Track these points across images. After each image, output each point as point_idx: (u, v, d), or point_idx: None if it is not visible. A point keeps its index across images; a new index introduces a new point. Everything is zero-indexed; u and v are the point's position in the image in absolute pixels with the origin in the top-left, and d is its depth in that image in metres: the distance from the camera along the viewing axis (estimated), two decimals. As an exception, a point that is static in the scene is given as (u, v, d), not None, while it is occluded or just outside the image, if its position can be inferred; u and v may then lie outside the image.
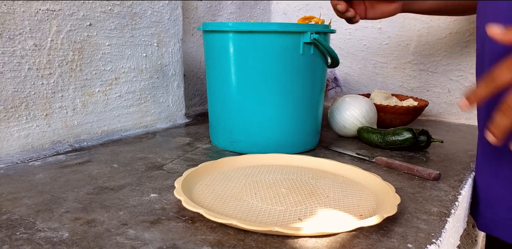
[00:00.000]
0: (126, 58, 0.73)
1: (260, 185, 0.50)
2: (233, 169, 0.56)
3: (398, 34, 1.01)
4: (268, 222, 0.40)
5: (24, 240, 0.36)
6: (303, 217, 0.42)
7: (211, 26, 0.62)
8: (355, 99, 0.76)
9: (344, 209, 0.44)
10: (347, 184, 0.52)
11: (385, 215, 0.40)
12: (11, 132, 0.58)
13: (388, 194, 0.46)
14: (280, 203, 0.45)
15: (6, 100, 0.57)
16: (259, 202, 0.45)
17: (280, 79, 0.61)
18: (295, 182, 0.52)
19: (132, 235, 0.38)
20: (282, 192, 0.48)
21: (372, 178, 0.51)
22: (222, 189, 0.49)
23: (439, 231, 0.40)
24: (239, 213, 0.42)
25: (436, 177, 0.55)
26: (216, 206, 0.44)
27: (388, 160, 0.60)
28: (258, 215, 0.42)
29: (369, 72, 1.09)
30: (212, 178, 0.52)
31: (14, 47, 0.56)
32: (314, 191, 0.49)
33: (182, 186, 0.45)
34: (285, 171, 0.56)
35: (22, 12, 0.57)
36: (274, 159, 0.59)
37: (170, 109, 0.85)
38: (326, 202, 0.46)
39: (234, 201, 0.45)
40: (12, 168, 0.55)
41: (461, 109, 0.54)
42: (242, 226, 0.38)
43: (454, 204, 0.47)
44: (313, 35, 0.58)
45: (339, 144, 0.73)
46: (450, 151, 0.70)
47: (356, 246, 0.37)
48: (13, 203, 0.44)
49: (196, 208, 0.40)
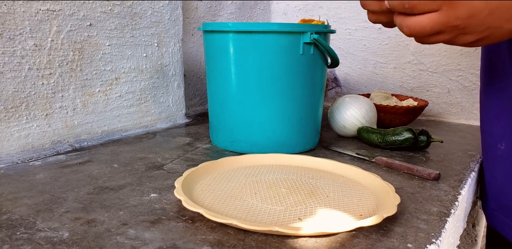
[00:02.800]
0: (126, 58, 0.73)
1: (260, 185, 0.50)
2: (233, 169, 0.56)
3: (398, 34, 1.01)
4: (268, 222, 0.40)
5: (24, 240, 0.36)
6: (303, 217, 0.42)
7: (211, 26, 0.62)
8: (355, 99, 0.76)
9: (344, 209, 0.44)
10: (347, 184, 0.52)
11: (385, 215, 0.40)
12: (11, 132, 0.58)
13: (388, 194, 0.46)
14: (280, 203, 0.45)
15: (7, 100, 0.57)
16: (259, 202, 0.45)
17: (280, 79, 0.61)
18: (295, 182, 0.52)
19: (132, 235, 0.38)
20: (282, 192, 0.48)
21: (372, 178, 0.51)
22: (222, 189, 0.49)
23: (439, 231, 0.40)
24: (239, 213, 0.42)
25: (436, 177, 0.55)
26: (216, 206, 0.44)
27: (388, 160, 0.60)
28: (258, 215, 0.42)
29: (369, 72, 1.09)
30: (212, 178, 0.52)
31: (15, 47, 0.57)
32: (314, 191, 0.49)
33: (182, 186, 0.45)
34: (285, 171, 0.56)
35: (22, 12, 0.57)
36: (274, 159, 0.59)
37: (170, 109, 0.85)
38: (326, 202, 0.46)
39: (234, 201, 0.45)
40: (12, 168, 0.56)
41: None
42: (242, 226, 0.38)
43: (454, 204, 0.47)
44: (313, 35, 0.58)
45: (339, 144, 0.73)
46: (450, 151, 0.70)
47: (356, 246, 0.37)
48: (13, 203, 0.44)
49: (196, 208, 0.40)
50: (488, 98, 0.57)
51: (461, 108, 0.97)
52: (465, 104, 0.96)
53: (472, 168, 0.61)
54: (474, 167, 0.62)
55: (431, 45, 0.98)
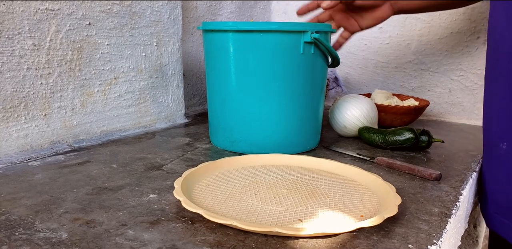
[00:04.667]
0: (125, 57, 0.73)
1: (260, 186, 0.50)
2: (233, 169, 0.56)
3: (399, 34, 1.01)
4: (268, 222, 0.40)
5: (23, 241, 0.36)
6: (304, 217, 0.42)
7: (211, 25, 0.62)
8: (356, 99, 0.75)
9: (344, 209, 0.44)
10: (347, 184, 0.51)
11: (386, 215, 0.39)
12: (10, 132, 0.58)
13: (388, 194, 0.45)
14: (280, 203, 0.45)
15: (5, 100, 0.57)
16: (259, 203, 0.45)
17: (280, 79, 0.61)
18: (295, 183, 0.51)
19: (132, 235, 0.37)
20: (282, 193, 0.48)
21: (372, 179, 0.51)
22: (222, 189, 0.49)
23: (440, 232, 0.40)
24: (239, 214, 0.42)
25: (437, 177, 0.54)
26: (216, 206, 0.44)
27: (389, 160, 0.60)
28: (258, 215, 0.42)
29: (370, 72, 1.08)
30: (212, 179, 0.52)
31: (13, 47, 0.56)
32: (314, 192, 0.48)
33: (181, 187, 0.45)
34: (285, 172, 0.55)
35: (21, 12, 0.56)
36: (274, 159, 0.59)
37: (169, 109, 0.84)
38: (326, 202, 0.46)
39: (234, 202, 0.45)
40: (11, 168, 0.55)
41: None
42: (243, 226, 0.37)
43: (455, 205, 0.47)
44: (313, 34, 0.58)
45: (339, 144, 0.73)
46: (451, 151, 0.69)
47: (357, 247, 0.36)
48: (12, 204, 0.44)
49: (195, 208, 0.40)
50: (490, 97, 0.57)
51: (463, 108, 0.97)
52: (467, 104, 0.96)
53: (474, 168, 0.61)
54: (476, 167, 0.61)
55: (433, 45, 0.98)
